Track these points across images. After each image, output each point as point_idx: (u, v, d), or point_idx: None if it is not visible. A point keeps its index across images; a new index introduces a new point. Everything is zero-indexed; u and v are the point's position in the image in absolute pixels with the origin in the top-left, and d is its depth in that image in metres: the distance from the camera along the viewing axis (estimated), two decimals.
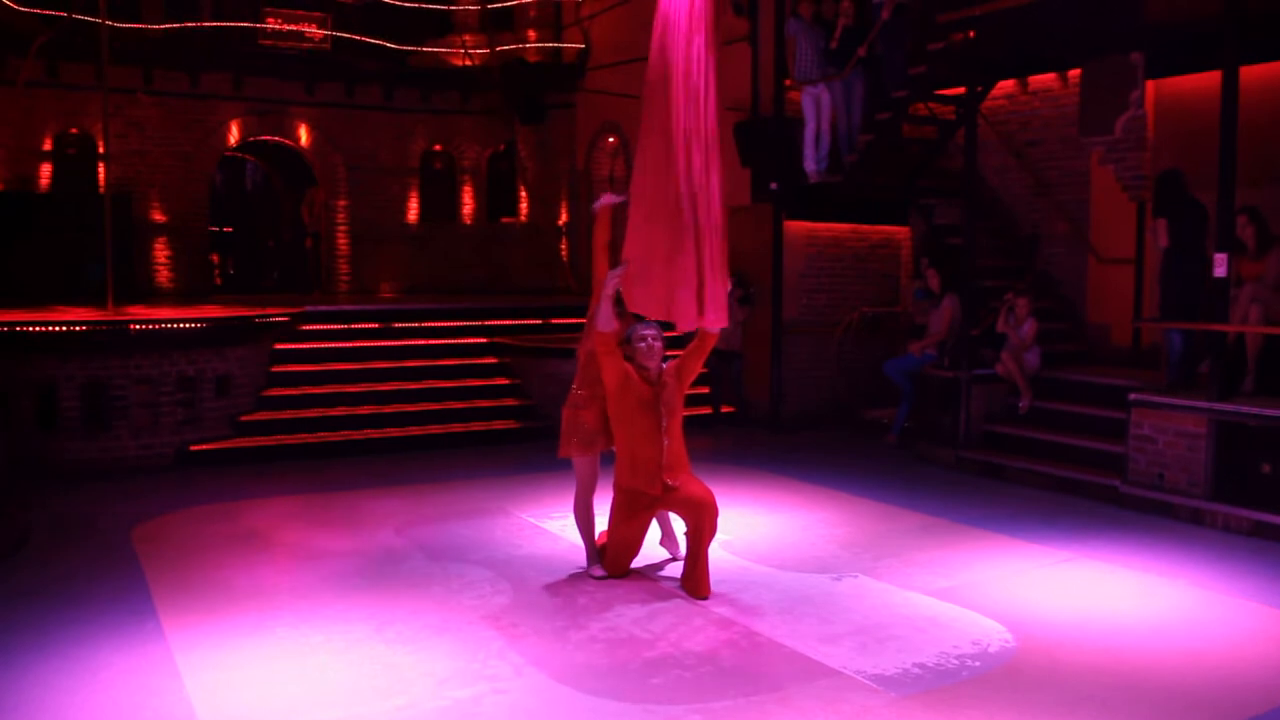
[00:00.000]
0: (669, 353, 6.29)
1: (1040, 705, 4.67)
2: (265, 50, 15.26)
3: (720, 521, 6.24)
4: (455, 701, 4.65)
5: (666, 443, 6.09)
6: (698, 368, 6.28)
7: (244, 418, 10.36)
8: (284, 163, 18.11)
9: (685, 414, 6.34)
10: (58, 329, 9.40)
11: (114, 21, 12.53)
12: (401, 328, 12.52)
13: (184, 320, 10.00)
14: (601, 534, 6.54)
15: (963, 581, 6.40)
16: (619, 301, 6.18)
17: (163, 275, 15.08)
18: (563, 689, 4.80)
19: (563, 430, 6.44)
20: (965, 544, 7.26)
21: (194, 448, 9.84)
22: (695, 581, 6.07)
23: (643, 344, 6.16)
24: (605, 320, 6.01)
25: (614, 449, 6.32)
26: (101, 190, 13.18)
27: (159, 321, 9.85)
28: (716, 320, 6.01)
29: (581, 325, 6.62)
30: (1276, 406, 7.64)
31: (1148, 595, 6.23)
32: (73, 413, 9.37)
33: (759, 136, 11.95)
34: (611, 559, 6.42)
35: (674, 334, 6.56)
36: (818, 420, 11.96)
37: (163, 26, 14.52)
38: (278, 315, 11.34)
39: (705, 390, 11.99)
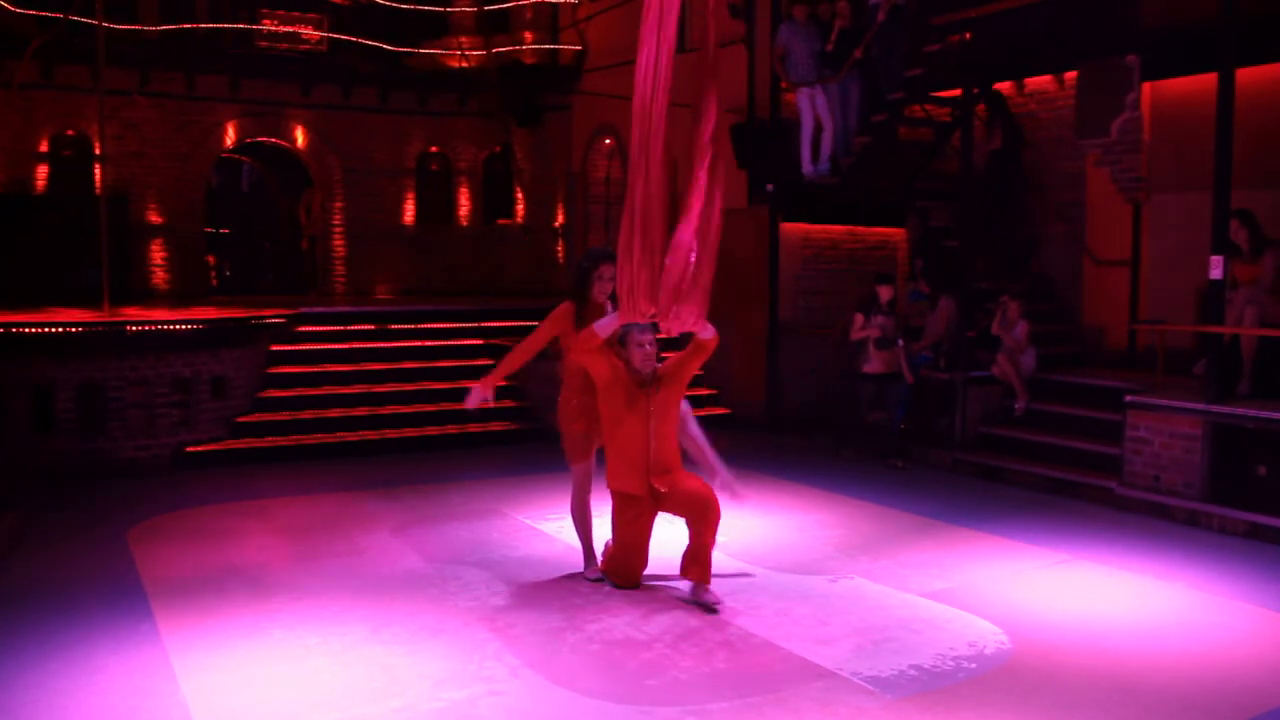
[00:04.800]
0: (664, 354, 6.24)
1: (1036, 707, 4.68)
2: (262, 52, 15.24)
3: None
4: (451, 703, 4.65)
5: (653, 445, 5.94)
6: (694, 371, 6.19)
7: (240, 419, 10.35)
8: (281, 164, 18.10)
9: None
10: (54, 330, 9.39)
11: (110, 23, 12.49)
12: (398, 329, 12.51)
13: (180, 322, 9.98)
14: (607, 545, 6.39)
15: (959, 583, 6.41)
16: (612, 297, 6.12)
17: (159, 277, 15.05)
18: (559, 690, 4.80)
19: (563, 440, 6.44)
20: (961, 546, 7.26)
21: (190, 449, 9.83)
22: (699, 568, 5.99)
23: (640, 350, 5.96)
24: (606, 330, 5.92)
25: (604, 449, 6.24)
26: (98, 192, 13.16)
27: (155, 323, 9.84)
28: (707, 329, 5.89)
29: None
30: (1272, 409, 7.66)
31: (1144, 597, 6.24)
32: (69, 414, 9.36)
33: (755, 138, 11.95)
34: (619, 567, 6.21)
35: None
36: (814, 422, 11.95)
37: (159, 28, 14.48)
38: (274, 317, 11.33)
39: (707, 392, 11.99)
